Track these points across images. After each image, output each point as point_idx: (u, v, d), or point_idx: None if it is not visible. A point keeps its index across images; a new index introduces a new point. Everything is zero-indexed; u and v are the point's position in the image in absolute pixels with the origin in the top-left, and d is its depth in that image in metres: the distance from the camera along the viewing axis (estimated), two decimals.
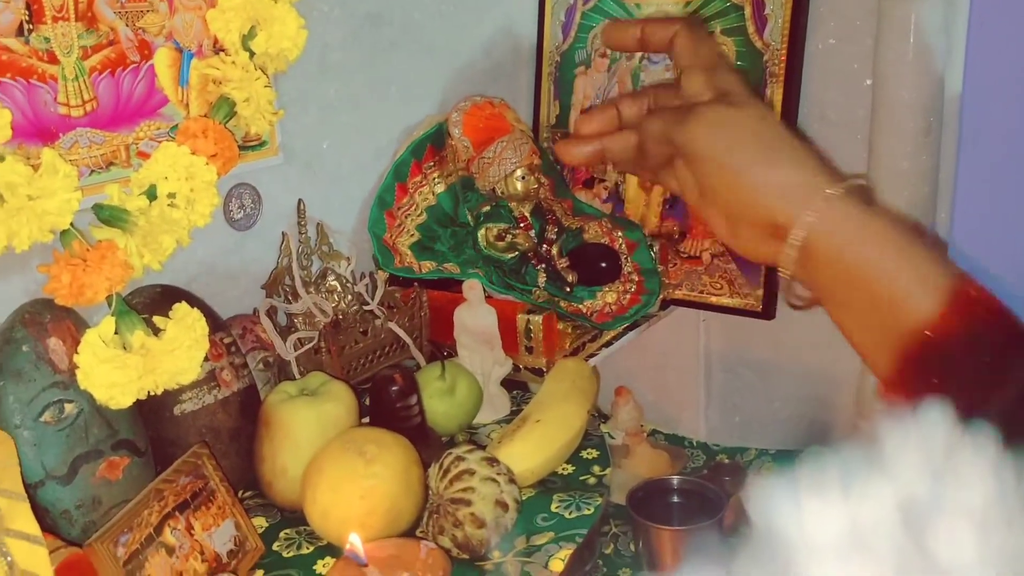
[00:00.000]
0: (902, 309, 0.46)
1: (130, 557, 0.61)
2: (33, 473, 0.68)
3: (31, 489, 0.67)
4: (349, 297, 0.98)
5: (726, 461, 1.25)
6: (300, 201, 0.97)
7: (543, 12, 1.24)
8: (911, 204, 1.03)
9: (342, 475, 0.69)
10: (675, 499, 1.04)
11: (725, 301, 1.13)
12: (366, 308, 0.98)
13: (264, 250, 0.95)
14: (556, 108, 1.25)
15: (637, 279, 1.09)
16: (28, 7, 0.72)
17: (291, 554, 0.72)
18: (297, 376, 0.88)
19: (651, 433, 1.29)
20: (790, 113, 1.07)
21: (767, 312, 1.09)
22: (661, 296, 1.10)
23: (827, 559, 0.31)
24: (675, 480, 1.05)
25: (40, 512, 0.66)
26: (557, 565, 0.68)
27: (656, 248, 1.11)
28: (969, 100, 0.99)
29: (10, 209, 0.66)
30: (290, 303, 0.94)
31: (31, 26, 0.72)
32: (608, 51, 1.19)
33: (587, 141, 0.57)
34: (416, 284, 1.00)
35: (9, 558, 0.59)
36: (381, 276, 1.02)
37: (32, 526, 0.59)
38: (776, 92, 1.08)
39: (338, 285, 0.97)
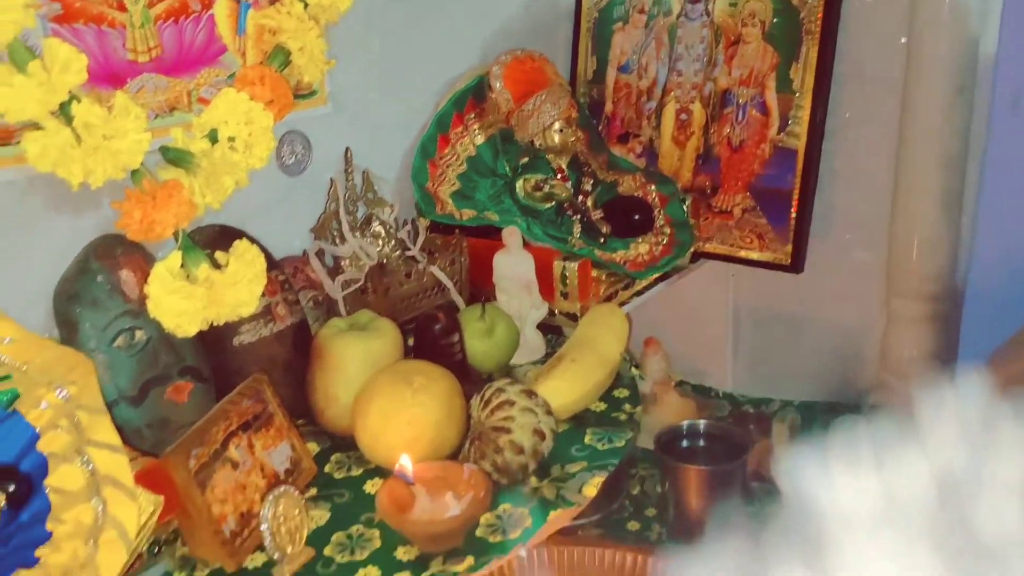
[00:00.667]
0: None
1: (200, 468, 0.66)
2: (107, 394, 0.73)
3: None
4: (392, 242, 1.02)
5: (751, 411, 1.29)
6: (347, 149, 1.01)
7: None
8: (943, 161, 1.05)
9: (391, 403, 0.74)
10: (701, 443, 1.09)
11: (755, 255, 1.16)
12: (408, 253, 1.02)
13: (313, 195, 0.99)
14: (593, 63, 1.28)
15: (669, 231, 1.13)
16: None
17: (341, 475, 0.78)
18: (344, 314, 0.93)
19: (679, 383, 1.33)
20: (825, 70, 1.09)
21: (796, 266, 1.12)
22: (692, 248, 1.13)
23: (859, 530, 0.30)
24: (702, 424, 1.09)
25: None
26: (590, 491, 0.72)
27: (688, 202, 1.14)
28: (1003, 60, 1.00)
29: (87, 148, 0.70)
30: (337, 246, 0.99)
31: None
32: (646, 7, 1.21)
33: None
34: (457, 231, 1.04)
35: (90, 466, 0.64)
36: (422, 223, 1.06)
37: (113, 436, 0.64)
38: (812, 49, 1.09)
39: (382, 230, 1.02)
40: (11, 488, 0.63)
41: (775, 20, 1.12)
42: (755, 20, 1.14)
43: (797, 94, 1.11)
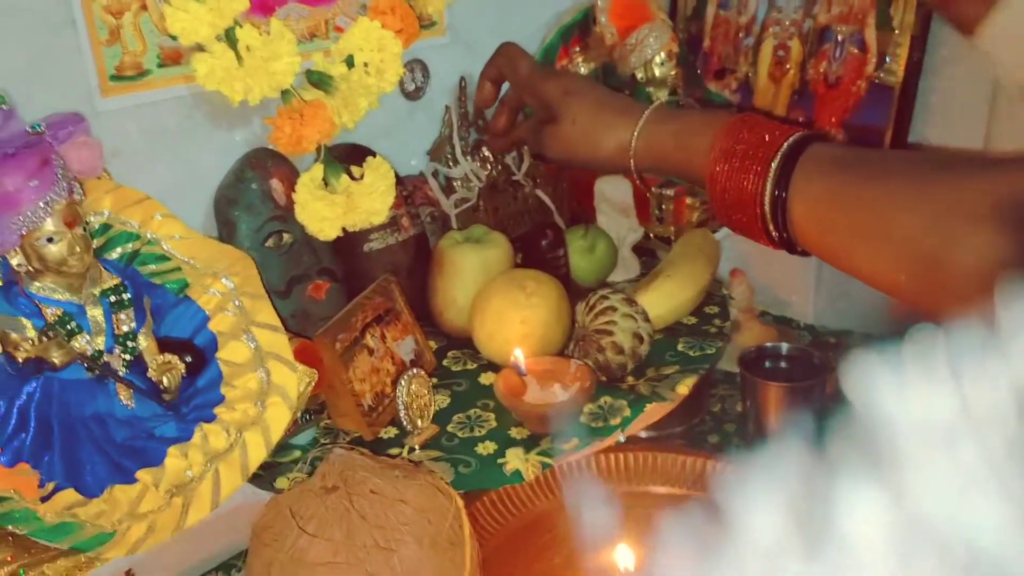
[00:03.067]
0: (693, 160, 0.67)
1: (343, 351, 0.76)
2: None
3: None
4: (500, 167, 1.10)
5: (832, 341, 1.34)
6: (462, 78, 1.08)
7: None
8: None
9: (506, 304, 0.83)
10: (783, 364, 1.15)
11: None
12: (513, 178, 1.10)
13: (429, 120, 1.08)
14: (693, 0, 1.31)
15: None
16: None
17: (458, 368, 0.87)
18: (457, 229, 1.01)
19: (761, 314, 1.38)
20: (926, 7, 1.11)
21: None
22: None
23: (932, 443, 0.29)
24: (784, 347, 1.15)
25: None
26: (683, 389, 0.80)
27: None
28: None
29: (247, 68, 0.79)
30: (450, 168, 1.07)
31: None
32: None
33: (504, 136, 0.88)
34: None
35: (254, 343, 0.75)
36: (527, 150, 1.13)
37: (273, 318, 0.75)
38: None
39: (490, 155, 1.09)
40: (188, 359, 0.74)
41: None
42: None
43: (896, 31, 1.13)
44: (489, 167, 1.09)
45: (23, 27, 0.73)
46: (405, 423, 0.75)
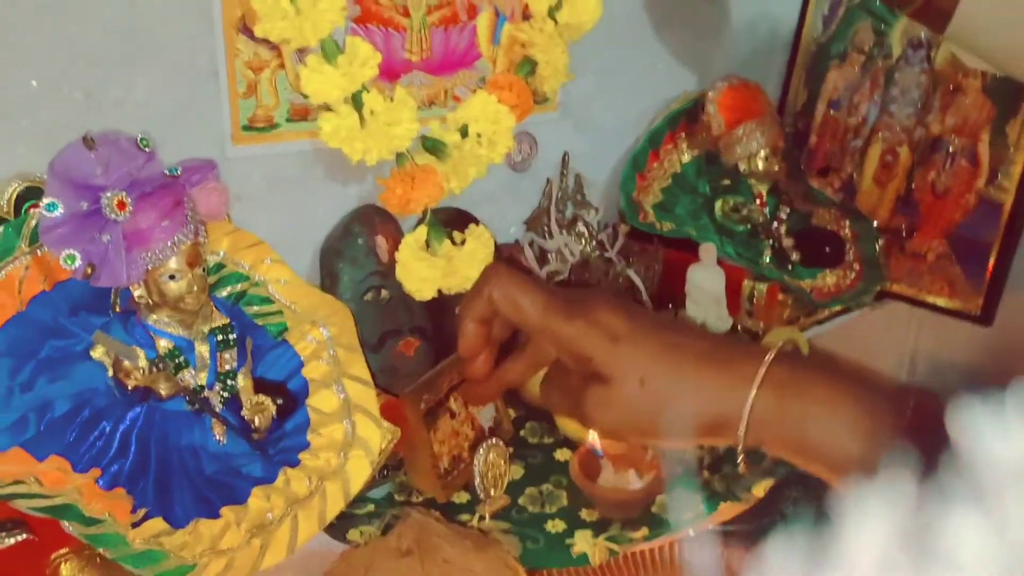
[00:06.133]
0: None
1: (427, 412, 0.78)
2: None
3: None
4: (593, 242, 1.12)
5: None
6: (565, 153, 1.11)
7: (807, 2, 1.30)
8: None
9: None
10: None
11: (943, 302, 1.17)
12: (606, 255, 1.12)
13: (531, 191, 1.10)
14: (804, 96, 1.32)
15: (858, 268, 1.16)
16: None
17: (535, 440, 0.88)
18: None
19: None
20: None
21: (986, 318, 1.13)
22: (879, 287, 1.16)
23: None
24: None
25: None
26: (759, 491, 0.79)
27: (881, 241, 1.17)
28: None
29: (370, 130, 0.83)
30: (545, 240, 1.09)
31: None
32: (867, 48, 1.24)
33: (488, 382, 0.57)
34: (655, 240, 1.12)
35: (344, 394, 0.77)
36: (622, 229, 1.15)
37: (364, 372, 0.77)
38: None
39: (585, 231, 1.11)
40: (279, 401, 0.77)
41: (996, 73, 1.13)
42: (976, 71, 1.15)
43: (1011, 149, 1.11)
44: (583, 242, 1.11)
45: (172, 73, 0.79)
46: (479, 491, 0.76)
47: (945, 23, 0.82)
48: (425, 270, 0.86)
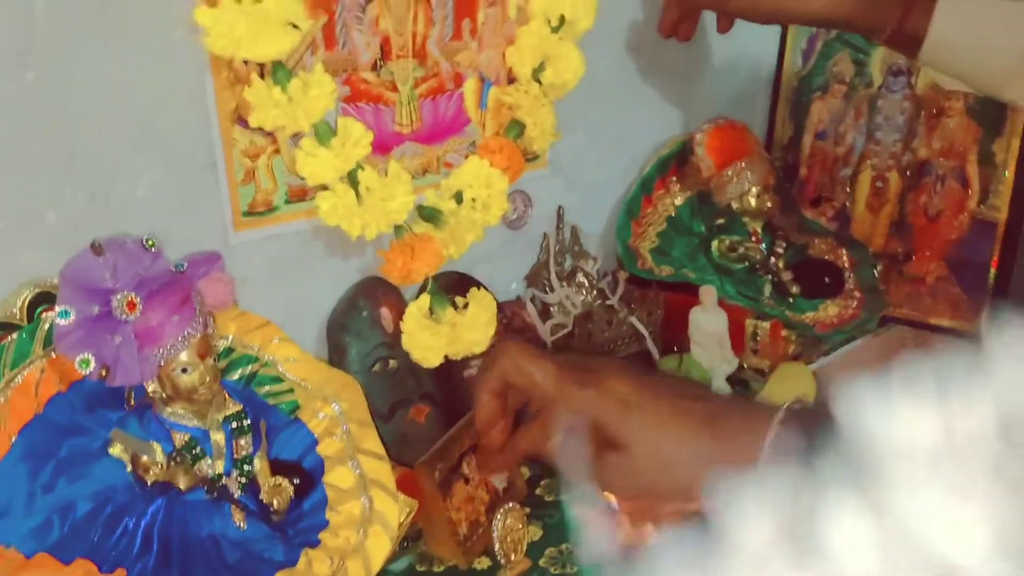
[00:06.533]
0: None
1: (442, 480, 0.79)
2: None
3: None
4: (594, 292, 1.13)
5: None
6: (559, 207, 1.13)
7: (784, 38, 1.33)
8: None
9: None
10: None
11: (946, 323, 1.18)
12: (607, 303, 1.13)
13: (528, 247, 1.12)
14: (790, 129, 1.34)
15: (859, 295, 1.17)
16: (381, 47, 0.92)
17: (551, 499, 0.88)
18: None
19: None
20: None
21: None
22: (881, 313, 1.17)
23: (917, 465, 0.29)
24: None
25: None
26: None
27: (879, 267, 1.18)
28: None
29: (366, 207, 0.85)
30: (547, 294, 1.11)
31: (382, 62, 0.93)
32: (848, 79, 1.26)
33: (502, 453, 0.58)
34: (655, 285, 1.14)
35: (359, 470, 0.78)
36: (622, 276, 1.16)
37: (378, 447, 0.78)
38: (1017, 123, 1.11)
39: (585, 281, 1.13)
40: (296, 481, 0.78)
41: (979, 95, 1.15)
42: (959, 94, 1.17)
43: (1000, 168, 1.13)
44: (584, 293, 1.12)
45: (172, 168, 0.81)
46: (499, 557, 0.76)
47: (918, 48, 0.85)
48: (430, 338, 0.87)
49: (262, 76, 0.82)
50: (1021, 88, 0.84)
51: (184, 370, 0.70)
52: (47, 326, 0.71)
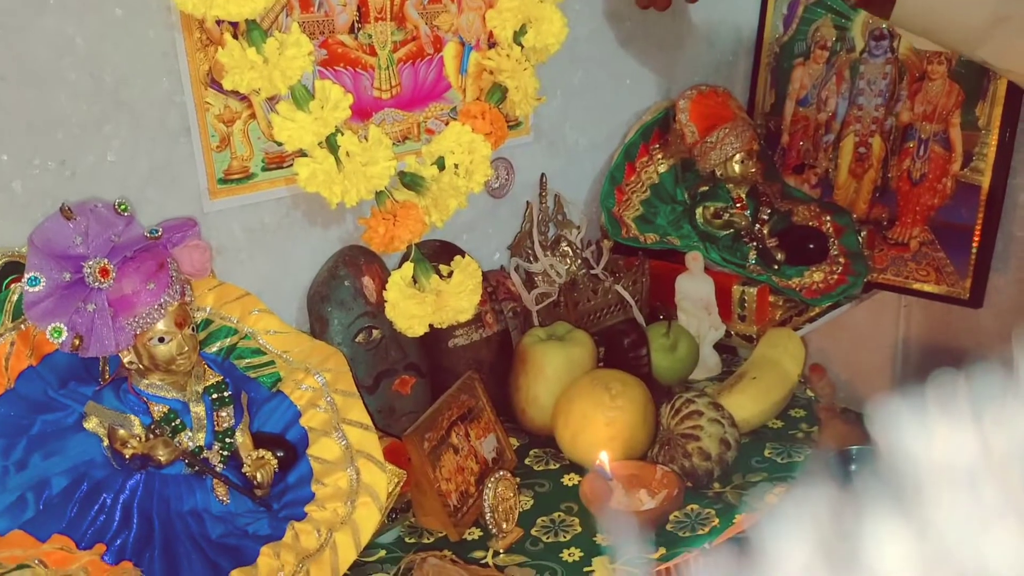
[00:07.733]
0: None
1: (431, 450, 0.77)
2: None
3: None
4: (578, 261, 1.11)
5: None
6: (543, 175, 1.11)
7: (765, 5, 1.32)
8: None
9: (591, 406, 0.83)
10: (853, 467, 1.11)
11: (930, 288, 1.18)
12: (591, 272, 1.11)
13: (512, 216, 1.10)
14: (772, 96, 1.33)
15: (843, 261, 1.16)
16: (358, 9, 0.89)
17: (540, 468, 0.87)
18: (537, 324, 1.02)
19: (843, 410, 1.35)
20: (1013, 106, 1.10)
21: (975, 301, 1.13)
22: (866, 279, 1.17)
23: (955, 482, 0.30)
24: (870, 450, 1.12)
25: None
26: (773, 499, 0.78)
27: (863, 233, 1.17)
28: None
29: (347, 172, 0.83)
30: (531, 263, 1.09)
31: (359, 25, 0.90)
32: (830, 44, 1.25)
33: None
34: (640, 253, 1.12)
35: (344, 441, 0.76)
36: (606, 244, 1.15)
37: (364, 417, 0.76)
38: (1000, 86, 1.11)
39: (569, 250, 1.11)
40: (280, 454, 0.76)
41: (961, 57, 1.14)
42: (941, 58, 1.16)
43: (983, 131, 1.13)
44: (568, 262, 1.11)
45: (144, 134, 0.78)
46: (491, 526, 0.75)
47: (890, 8, 0.84)
48: (415, 307, 0.85)
49: (236, 37, 0.79)
50: (994, 46, 0.84)
51: (161, 340, 0.67)
52: (16, 297, 0.68)
